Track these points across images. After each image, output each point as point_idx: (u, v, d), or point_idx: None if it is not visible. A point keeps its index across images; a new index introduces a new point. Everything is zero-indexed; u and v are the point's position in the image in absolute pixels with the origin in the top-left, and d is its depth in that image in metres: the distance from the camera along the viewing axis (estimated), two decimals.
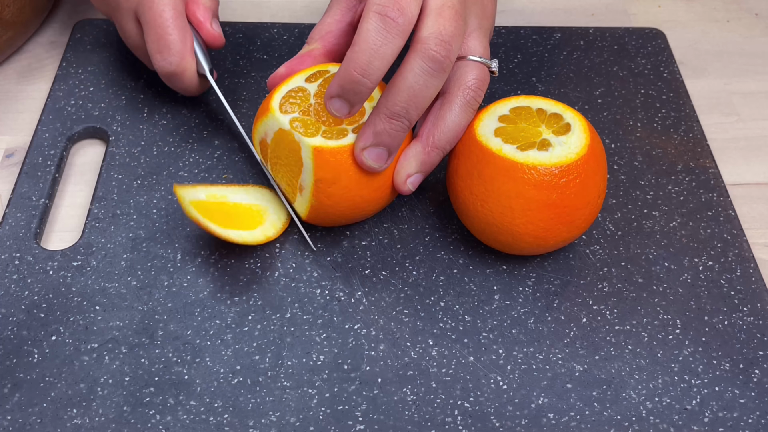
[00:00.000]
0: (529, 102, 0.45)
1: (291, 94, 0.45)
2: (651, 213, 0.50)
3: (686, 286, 0.46)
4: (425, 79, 0.42)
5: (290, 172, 0.45)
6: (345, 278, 0.46)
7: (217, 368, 0.42)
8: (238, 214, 0.46)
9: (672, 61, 0.59)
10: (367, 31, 0.40)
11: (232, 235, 0.44)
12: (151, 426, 0.40)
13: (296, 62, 0.47)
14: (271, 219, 0.46)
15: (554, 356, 0.43)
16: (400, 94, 0.42)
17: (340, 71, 0.41)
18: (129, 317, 0.44)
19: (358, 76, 0.41)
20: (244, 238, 0.44)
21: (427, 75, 0.42)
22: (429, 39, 0.41)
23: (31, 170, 0.50)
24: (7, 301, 0.44)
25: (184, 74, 0.49)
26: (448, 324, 0.44)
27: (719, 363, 0.43)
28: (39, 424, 0.40)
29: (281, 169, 0.45)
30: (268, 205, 0.47)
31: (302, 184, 0.44)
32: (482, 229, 0.44)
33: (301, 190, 0.44)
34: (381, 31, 0.40)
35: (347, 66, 0.41)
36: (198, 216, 0.43)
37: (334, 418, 0.40)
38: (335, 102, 0.42)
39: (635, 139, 0.54)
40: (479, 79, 0.45)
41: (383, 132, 0.42)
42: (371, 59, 0.40)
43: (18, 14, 0.56)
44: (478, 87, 0.45)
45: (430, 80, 0.42)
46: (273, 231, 0.46)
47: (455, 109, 0.44)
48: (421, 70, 0.41)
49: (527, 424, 0.41)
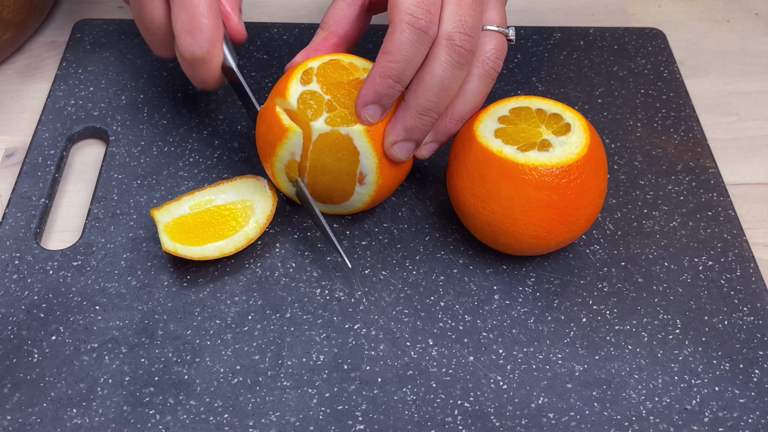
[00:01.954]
0: (528, 102, 0.45)
1: (305, 99, 0.44)
2: (651, 213, 0.50)
3: (686, 286, 0.46)
4: (452, 72, 0.43)
5: (341, 171, 0.45)
6: (345, 278, 0.46)
7: (217, 368, 0.42)
8: (221, 222, 0.46)
9: (672, 61, 0.59)
10: (401, 43, 0.42)
11: (209, 253, 0.44)
12: (151, 426, 0.40)
13: (312, 51, 0.47)
14: (256, 216, 0.46)
15: (554, 356, 0.43)
16: (430, 89, 0.43)
17: (375, 79, 0.42)
18: (129, 317, 0.44)
19: (394, 83, 0.42)
20: (223, 250, 0.45)
21: (454, 68, 0.43)
22: (453, 35, 0.42)
23: (31, 170, 0.50)
24: (7, 301, 0.44)
25: (212, 62, 0.47)
26: (448, 324, 0.44)
27: (719, 363, 0.43)
28: (39, 423, 0.40)
29: (325, 176, 0.45)
30: (254, 196, 0.47)
31: (363, 171, 0.44)
32: (483, 230, 0.44)
33: (362, 179, 0.45)
34: (414, 44, 0.42)
35: (384, 73, 0.42)
36: (172, 247, 0.44)
37: (334, 418, 0.40)
38: (370, 108, 0.43)
39: (635, 139, 0.54)
40: (497, 48, 0.46)
41: (414, 128, 0.44)
42: (405, 68, 0.42)
43: (18, 14, 0.56)
44: (497, 57, 0.45)
45: (457, 72, 0.43)
46: (256, 230, 0.46)
47: (474, 80, 0.45)
48: (448, 64, 0.43)
49: (527, 423, 0.41)
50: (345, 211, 0.48)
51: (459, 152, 0.45)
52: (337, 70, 0.45)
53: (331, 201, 0.47)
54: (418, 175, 0.51)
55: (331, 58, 0.45)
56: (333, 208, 0.48)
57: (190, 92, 0.55)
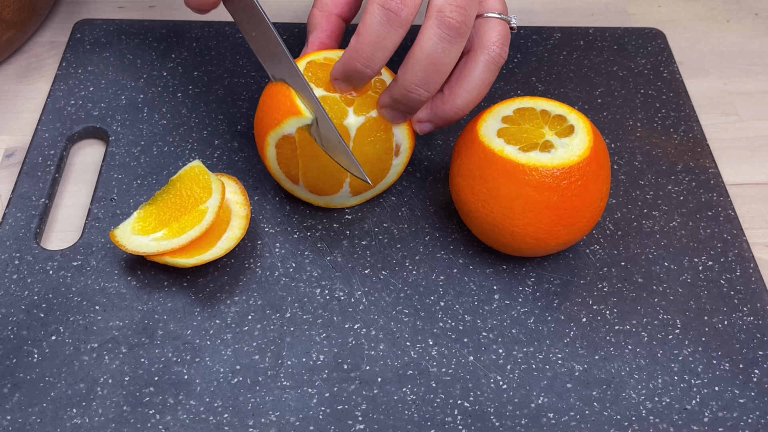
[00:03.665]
0: (533, 103, 0.45)
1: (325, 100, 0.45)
2: (651, 213, 0.50)
3: (686, 286, 0.46)
4: (443, 46, 0.42)
5: (381, 152, 0.46)
6: (345, 278, 0.46)
7: (217, 368, 0.42)
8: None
9: (672, 61, 0.59)
10: (370, 25, 0.41)
11: (191, 261, 0.44)
12: (150, 426, 0.40)
13: (316, 47, 0.48)
14: (237, 221, 0.46)
15: (554, 356, 0.43)
16: (418, 63, 0.42)
17: (345, 59, 0.42)
18: (129, 317, 0.44)
19: (361, 66, 0.42)
20: (203, 260, 0.44)
21: (445, 42, 0.42)
22: (444, 7, 0.42)
23: (31, 170, 0.50)
24: (7, 301, 0.44)
25: None
26: (447, 324, 0.44)
27: (719, 363, 0.43)
28: (39, 423, 0.40)
29: (368, 165, 0.45)
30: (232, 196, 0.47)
31: (398, 142, 0.46)
32: (483, 229, 0.44)
33: (397, 151, 0.46)
34: (384, 24, 0.41)
35: (351, 56, 0.42)
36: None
37: (333, 418, 0.40)
38: (339, 83, 0.44)
39: (635, 139, 0.54)
40: (502, 35, 0.45)
41: (400, 101, 0.43)
42: (374, 51, 0.42)
43: (18, 14, 0.56)
44: (502, 43, 0.45)
45: (449, 47, 0.42)
46: (239, 232, 0.46)
47: (480, 66, 0.45)
48: (439, 38, 0.42)
49: (527, 423, 0.41)
50: (381, 190, 0.49)
51: (461, 151, 0.45)
52: (321, 69, 0.45)
53: (371, 187, 0.48)
54: (419, 175, 0.51)
55: (308, 60, 0.46)
56: (370, 193, 0.48)
57: (190, 92, 0.55)
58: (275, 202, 0.49)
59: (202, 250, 0.44)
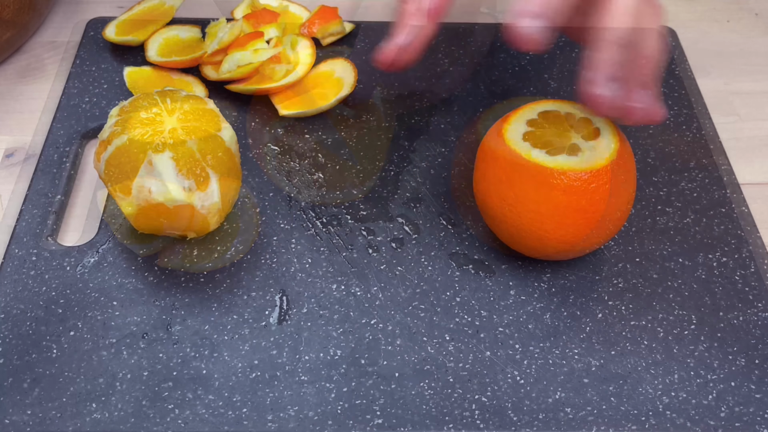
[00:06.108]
0: (557, 106, 0.45)
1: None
2: (665, 210, 0.50)
3: (701, 282, 0.46)
4: None
5: None
6: (360, 273, 0.46)
7: (235, 363, 0.42)
8: None
9: (684, 59, 0.59)
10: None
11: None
12: (170, 420, 0.40)
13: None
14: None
15: (570, 351, 0.43)
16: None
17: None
18: (146, 312, 0.44)
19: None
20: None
21: None
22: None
23: (47, 167, 0.50)
24: (25, 297, 0.44)
25: None
26: (464, 319, 0.44)
27: (735, 358, 0.43)
28: (59, 418, 0.40)
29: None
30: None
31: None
32: (510, 234, 0.44)
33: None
34: None
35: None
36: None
37: (352, 412, 0.41)
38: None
39: (648, 136, 0.54)
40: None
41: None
42: None
43: (18, 14, 0.56)
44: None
45: None
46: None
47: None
48: None
49: (544, 418, 0.41)
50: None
51: (487, 155, 0.44)
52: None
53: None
54: (433, 172, 0.51)
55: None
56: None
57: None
58: (290, 198, 0.49)
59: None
